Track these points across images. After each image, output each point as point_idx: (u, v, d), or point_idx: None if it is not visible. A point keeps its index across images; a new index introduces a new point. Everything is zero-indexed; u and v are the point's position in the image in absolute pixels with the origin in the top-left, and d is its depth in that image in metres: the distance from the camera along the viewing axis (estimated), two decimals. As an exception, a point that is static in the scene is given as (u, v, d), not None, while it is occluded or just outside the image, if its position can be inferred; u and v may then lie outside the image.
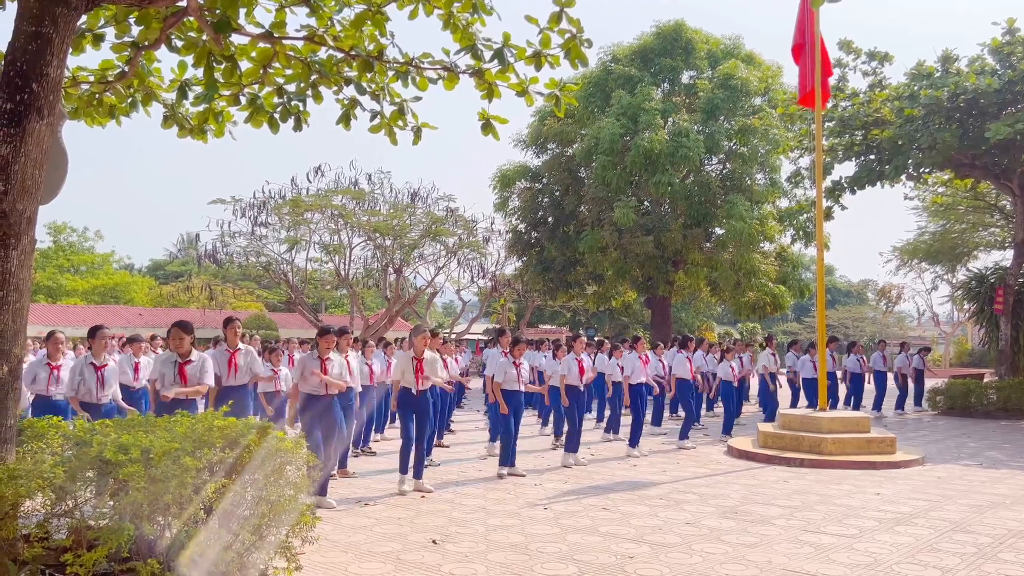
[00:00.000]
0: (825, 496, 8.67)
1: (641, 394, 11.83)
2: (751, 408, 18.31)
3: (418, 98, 7.21)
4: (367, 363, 11.02)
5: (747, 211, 23.45)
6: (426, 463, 10.50)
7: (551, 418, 13.34)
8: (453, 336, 31.87)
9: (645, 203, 25.97)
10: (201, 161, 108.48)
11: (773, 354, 15.10)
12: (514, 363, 9.90)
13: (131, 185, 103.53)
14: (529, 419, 14.84)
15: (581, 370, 10.98)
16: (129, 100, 7.43)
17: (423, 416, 8.85)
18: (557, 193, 28.26)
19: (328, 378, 7.93)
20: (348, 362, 8.61)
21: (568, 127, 26.80)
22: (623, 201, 23.72)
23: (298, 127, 7.51)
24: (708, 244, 26.31)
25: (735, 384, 14.22)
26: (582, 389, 11.05)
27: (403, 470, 8.70)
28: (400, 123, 7.27)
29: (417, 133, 7.36)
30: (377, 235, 29.59)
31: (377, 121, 7.05)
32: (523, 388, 9.95)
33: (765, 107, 25.50)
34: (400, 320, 45.30)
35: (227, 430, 4.79)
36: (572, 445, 10.71)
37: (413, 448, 8.71)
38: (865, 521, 7.46)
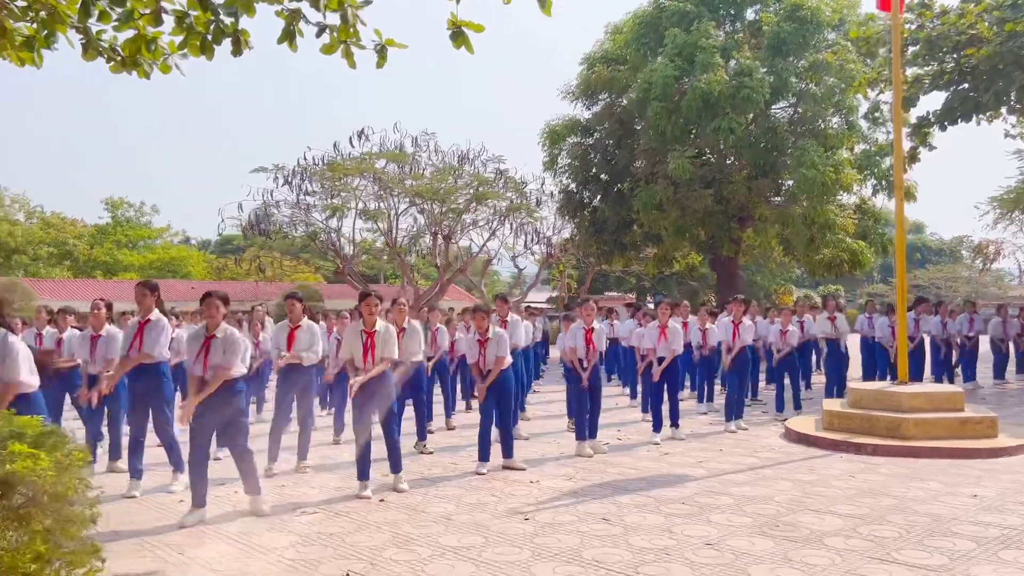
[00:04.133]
0: (902, 500, 6.64)
1: (669, 368, 9.86)
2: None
3: (368, 1, 5.57)
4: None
5: (820, 158, 20.86)
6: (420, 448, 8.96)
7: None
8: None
9: (709, 155, 23.60)
10: (256, 133, 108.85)
11: (831, 318, 12.90)
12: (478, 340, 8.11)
13: (185, 159, 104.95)
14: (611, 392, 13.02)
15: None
16: (33, 23, 5.97)
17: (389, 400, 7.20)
18: (610, 147, 26.07)
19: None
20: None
21: (618, 73, 24.54)
22: (678, 151, 21.43)
23: (237, 51, 5.97)
24: (777, 197, 23.81)
25: (779, 352, 11.96)
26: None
27: (362, 475, 7.04)
28: (356, 40, 5.69)
29: (381, 54, 5.72)
30: (420, 200, 28.06)
31: (327, 39, 5.56)
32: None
33: (840, 40, 22.69)
34: (456, 289, 44.02)
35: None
36: (581, 432, 8.91)
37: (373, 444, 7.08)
38: (958, 542, 5.45)
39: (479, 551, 5.30)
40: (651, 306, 24.38)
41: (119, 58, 6.19)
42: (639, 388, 12.94)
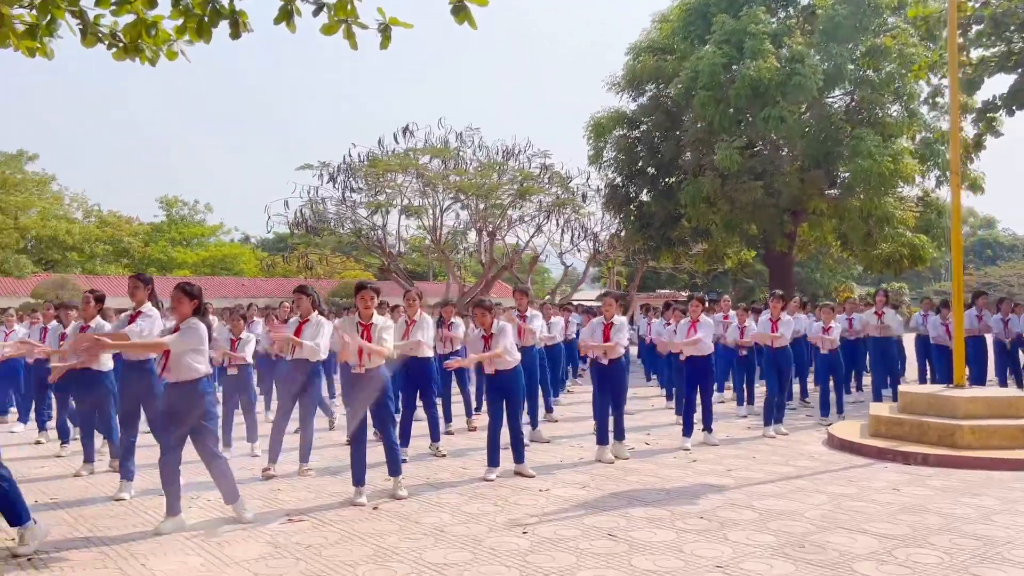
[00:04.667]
0: (950, 518, 5.92)
1: (701, 367, 9.21)
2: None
3: (363, -22, 5.27)
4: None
5: (877, 147, 19.78)
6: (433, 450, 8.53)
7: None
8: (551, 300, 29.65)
9: (759, 146, 22.65)
10: (306, 130, 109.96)
11: (879, 313, 12.06)
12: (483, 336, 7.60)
13: (240, 157, 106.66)
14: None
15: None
16: (32, 8, 5.81)
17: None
18: (656, 139, 25.28)
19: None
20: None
21: (664, 62, 23.74)
22: (726, 142, 20.57)
23: (235, 33, 5.77)
24: (833, 189, 22.73)
25: (822, 350, 11.14)
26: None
27: (357, 480, 6.62)
28: (355, 18, 5.42)
29: (385, 34, 5.42)
30: (462, 195, 27.70)
31: (326, 19, 5.30)
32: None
33: (900, 24, 21.52)
34: (503, 285, 43.61)
35: None
36: (602, 435, 8.34)
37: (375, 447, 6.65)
38: (1011, 572, 4.75)
39: (461, 570, 4.81)
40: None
41: (121, 44, 5.96)
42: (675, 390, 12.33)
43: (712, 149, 21.15)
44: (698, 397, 9.22)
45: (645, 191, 26.61)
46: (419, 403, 8.64)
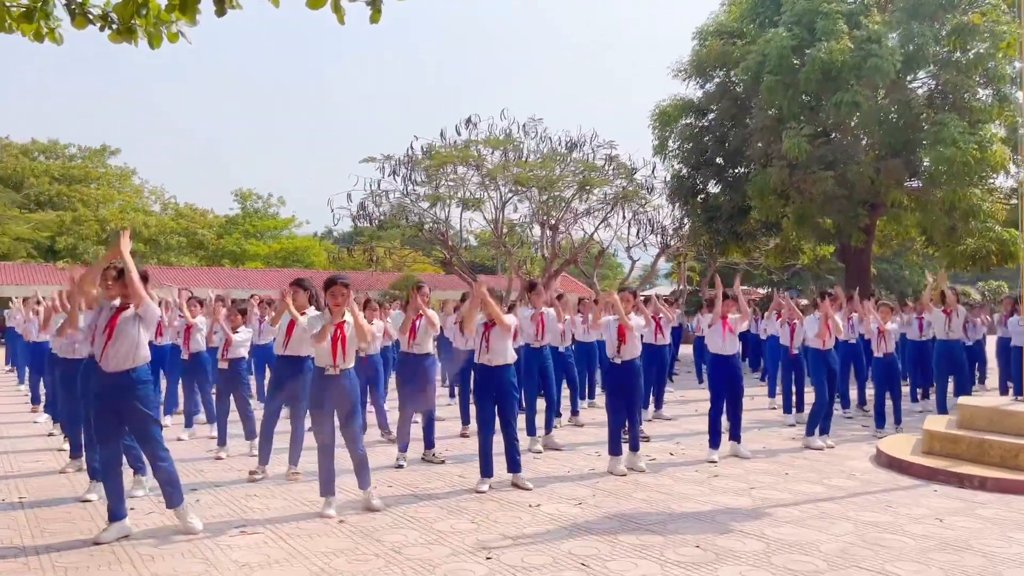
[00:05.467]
0: (994, 559, 5.02)
1: (727, 367, 8.37)
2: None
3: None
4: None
5: (962, 134, 18.18)
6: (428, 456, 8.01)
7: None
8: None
9: (833, 133, 21.25)
10: (377, 123, 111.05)
11: (947, 311, 10.90)
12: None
13: (311, 152, 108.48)
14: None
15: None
16: None
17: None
18: (724, 128, 24.09)
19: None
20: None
21: (732, 47, 22.54)
22: (794, 129, 19.31)
23: (220, 10, 5.38)
24: (914, 180, 21.15)
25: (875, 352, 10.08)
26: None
27: (325, 490, 6.12)
28: None
29: (375, 6, 4.96)
30: (520, 187, 27.10)
31: None
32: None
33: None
34: (570, 280, 42.86)
35: None
36: (614, 445, 7.63)
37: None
38: (1049, 636, 3.88)
39: (393, 603, 4.24)
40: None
41: (115, 26, 5.64)
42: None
43: (780, 137, 19.91)
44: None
45: (712, 182, 25.45)
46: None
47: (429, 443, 8.13)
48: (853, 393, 12.01)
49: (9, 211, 23.68)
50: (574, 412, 10.64)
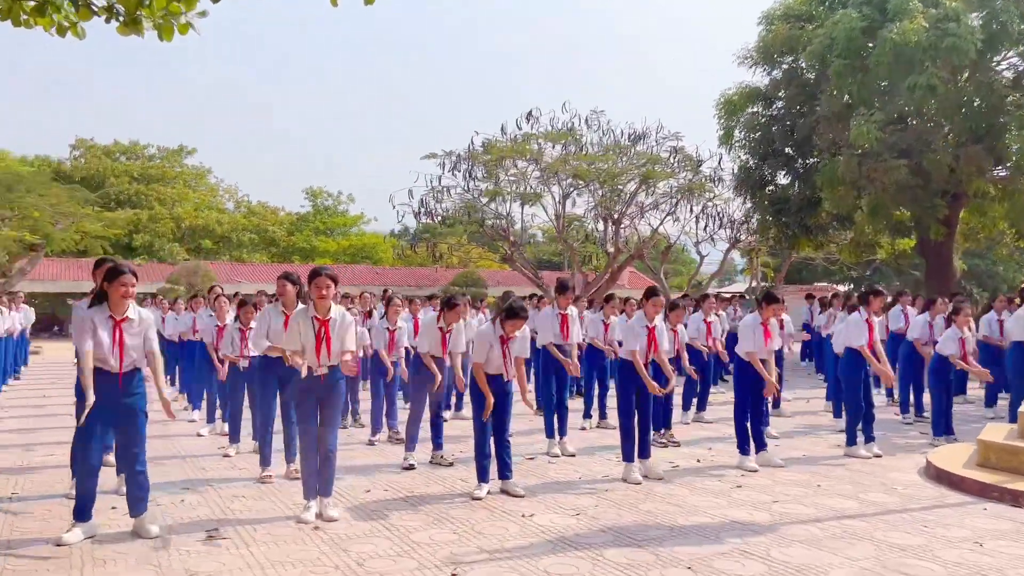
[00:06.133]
0: (1031, 596, 4.34)
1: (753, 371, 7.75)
2: None
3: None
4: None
5: (1051, 117, 16.80)
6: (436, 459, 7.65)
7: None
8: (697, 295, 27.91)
9: (909, 118, 19.96)
10: (443, 119, 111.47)
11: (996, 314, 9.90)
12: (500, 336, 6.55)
13: (384, 151, 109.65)
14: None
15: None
16: None
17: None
18: (792, 116, 22.98)
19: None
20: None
21: (800, 31, 21.43)
22: (863, 114, 18.18)
23: None
24: (999, 169, 19.68)
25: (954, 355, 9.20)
26: None
27: (308, 493, 5.84)
28: None
29: None
30: (581, 182, 26.52)
31: None
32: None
33: (1085, -29, 18.19)
34: (637, 276, 41.98)
35: None
36: (627, 451, 7.12)
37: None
38: None
39: (327, 624, 3.89)
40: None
41: (121, 19, 5.53)
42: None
43: (850, 125, 18.80)
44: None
45: (781, 173, 24.35)
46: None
47: (437, 445, 7.78)
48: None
49: (83, 209, 24.52)
50: (603, 416, 10.13)
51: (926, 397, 10.23)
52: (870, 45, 18.84)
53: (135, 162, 39.98)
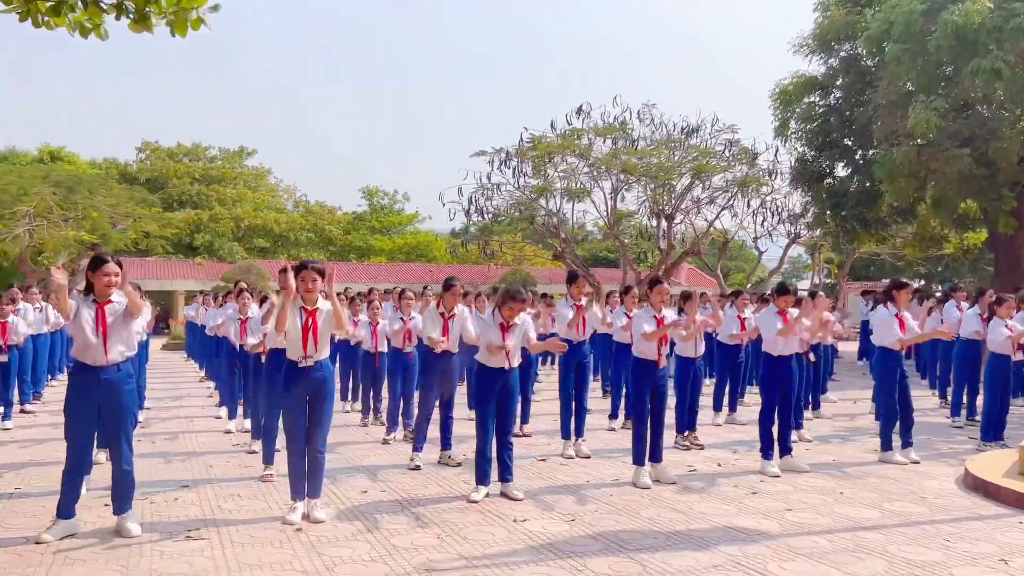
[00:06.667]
0: (1051, 623, 3.91)
1: (782, 369, 7.33)
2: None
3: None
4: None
5: None
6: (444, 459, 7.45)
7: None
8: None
9: (980, 107, 18.94)
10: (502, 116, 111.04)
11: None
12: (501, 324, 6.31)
13: (439, 151, 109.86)
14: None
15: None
16: None
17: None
18: (852, 105, 22.08)
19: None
20: None
21: (855, 16, 20.57)
22: (922, 101, 17.29)
23: None
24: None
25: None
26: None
27: (295, 493, 5.71)
28: None
29: None
30: (629, 177, 26.01)
31: None
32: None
33: None
34: (694, 272, 41.16)
35: None
36: (638, 454, 6.79)
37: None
38: None
39: (271, 633, 3.72)
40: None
41: (131, 16, 5.55)
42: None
43: (908, 113, 17.92)
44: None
45: (840, 165, 23.46)
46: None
47: (446, 444, 7.59)
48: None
49: (140, 209, 25.21)
50: (628, 416, 9.77)
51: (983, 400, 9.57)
52: (931, 28, 17.92)
53: (197, 163, 41.01)
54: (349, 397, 10.98)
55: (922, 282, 40.62)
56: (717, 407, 10.17)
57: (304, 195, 44.98)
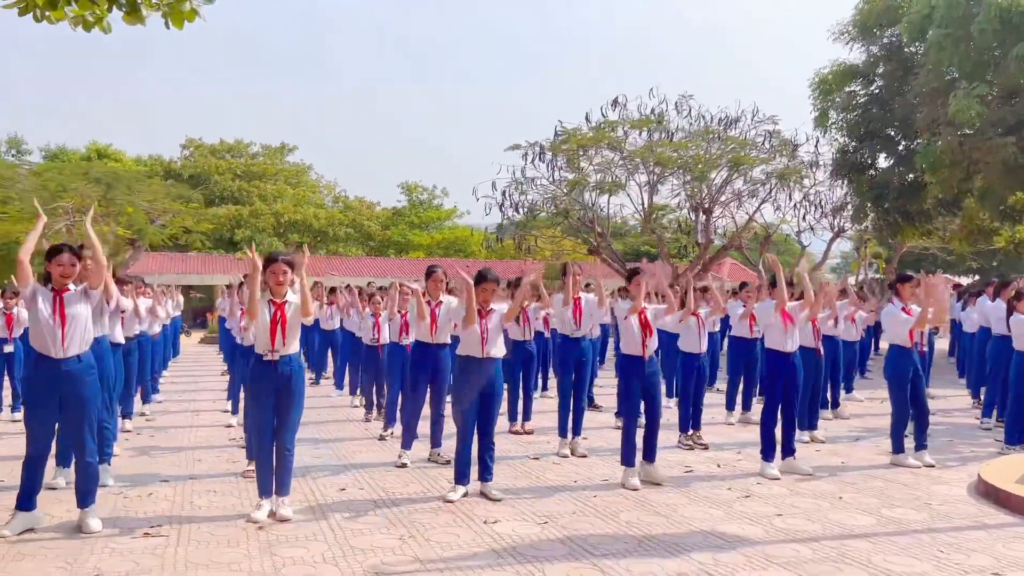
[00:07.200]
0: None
1: (785, 365, 6.99)
2: None
3: None
4: None
5: None
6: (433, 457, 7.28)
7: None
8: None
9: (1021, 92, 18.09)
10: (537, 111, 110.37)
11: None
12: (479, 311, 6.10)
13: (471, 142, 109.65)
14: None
15: None
16: None
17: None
18: (895, 92, 21.29)
19: None
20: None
21: (895, 1, 19.80)
22: (963, 89, 16.55)
23: None
24: None
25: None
26: None
27: (262, 490, 5.59)
28: None
29: None
30: (663, 170, 25.54)
31: None
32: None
33: None
34: (736, 266, 40.34)
35: None
36: (627, 453, 6.52)
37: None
38: None
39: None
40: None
41: (123, 8, 5.54)
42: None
43: (948, 100, 17.19)
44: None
45: (882, 156, 22.66)
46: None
47: (436, 442, 7.41)
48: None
49: (178, 205, 25.61)
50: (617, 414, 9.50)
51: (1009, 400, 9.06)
52: (974, 12, 17.15)
53: (239, 160, 41.60)
54: (358, 392, 10.90)
55: (976, 277, 39.19)
56: (730, 406, 9.83)
57: (343, 191, 45.37)
